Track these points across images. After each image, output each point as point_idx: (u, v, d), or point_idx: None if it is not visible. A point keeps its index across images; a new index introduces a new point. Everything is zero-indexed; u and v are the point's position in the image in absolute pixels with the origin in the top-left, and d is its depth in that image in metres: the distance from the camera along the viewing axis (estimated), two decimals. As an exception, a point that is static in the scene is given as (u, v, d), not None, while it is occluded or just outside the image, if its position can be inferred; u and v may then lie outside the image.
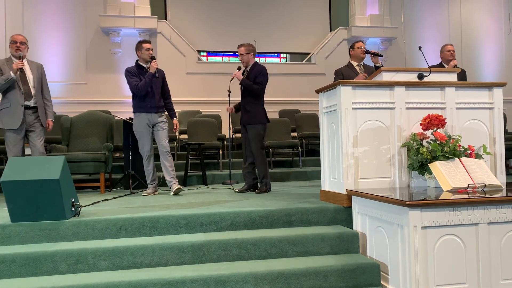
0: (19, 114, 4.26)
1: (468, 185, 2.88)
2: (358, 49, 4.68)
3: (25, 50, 4.35)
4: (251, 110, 4.61)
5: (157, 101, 4.65)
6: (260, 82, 4.59)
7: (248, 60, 4.70)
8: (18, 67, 4.19)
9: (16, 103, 4.26)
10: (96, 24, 9.29)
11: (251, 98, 4.63)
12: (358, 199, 3.16)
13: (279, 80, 10.06)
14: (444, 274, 2.54)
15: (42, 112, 4.43)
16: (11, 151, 4.28)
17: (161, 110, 4.71)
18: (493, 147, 3.57)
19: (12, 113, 4.25)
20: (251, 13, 10.65)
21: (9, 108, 4.26)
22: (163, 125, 4.67)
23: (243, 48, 4.72)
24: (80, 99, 9.01)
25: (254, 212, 3.23)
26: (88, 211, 3.35)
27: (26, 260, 2.66)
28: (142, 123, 4.62)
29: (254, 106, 4.62)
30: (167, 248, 2.82)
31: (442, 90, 3.48)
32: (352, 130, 3.31)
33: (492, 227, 2.61)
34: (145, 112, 4.61)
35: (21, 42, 4.32)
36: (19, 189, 2.91)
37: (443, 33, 10.90)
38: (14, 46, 4.30)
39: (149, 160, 4.66)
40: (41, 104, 4.43)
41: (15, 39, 4.31)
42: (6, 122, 4.26)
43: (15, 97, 4.26)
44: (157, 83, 4.66)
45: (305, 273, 2.70)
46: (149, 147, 4.65)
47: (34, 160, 3.05)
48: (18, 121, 4.26)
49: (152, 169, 4.69)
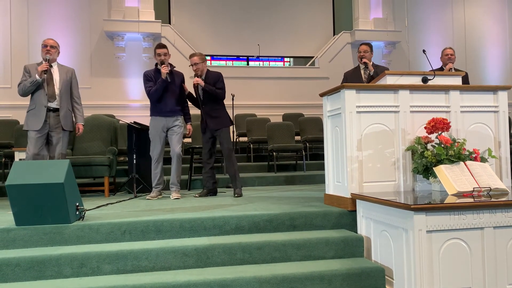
0: (42, 115, 4.27)
1: (473, 189, 2.87)
2: (358, 53, 4.73)
3: (55, 54, 4.38)
4: (218, 116, 4.68)
5: (173, 105, 4.64)
6: (221, 87, 4.68)
7: (203, 69, 4.67)
8: (42, 69, 4.20)
9: (40, 105, 4.28)
10: (100, 28, 9.34)
11: (214, 104, 4.68)
12: (362, 203, 3.15)
13: (283, 84, 10.08)
14: (450, 279, 2.52)
15: (65, 116, 4.40)
16: (30, 151, 4.26)
17: (177, 114, 4.70)
18: (498, 150, 3.55)
19: (36, 114, 4.27)
20: (255, 17, 10.68)
21: (34, 110, 4.29)
22: (177, 130, 4.67)
23: (196, 58, 4.64)
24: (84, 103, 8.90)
25: (258, 216, 3.22)
26: (93, 215, 3.36)
27: (31, 264, 2.67)
28: (156, 127, 4.64)
29: (219, 111, 4.70)
30: (171, 252, 2.82)
31: (446, 93, 3.47)
32: (356, 133, 3.31)
33: (497, 231, 2.59)
34: (159, 116, 4.64)
35: (51, 46, 4.35)
36: (23, 193, 2.92)
37: (447, 36, 10.88)
38: (44, 49, 4.32)
39: (157, 164, 4.67)
40: (65, 107, 4.41)
41: (46, 43, 4.35)
42: (30, 124, 4.28)
43: (40, 99, 4.28)
44: (173, 87, 4.65)
45: (310, 277, 2.69)
46: (159, 150, 4.65)
47: (38, 164, 3.06)
48: (40, 122, 4.26)
49: (159, 173, 4.68)
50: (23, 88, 4.26)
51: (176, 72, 4.76)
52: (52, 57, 4.36)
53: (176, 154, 4.65)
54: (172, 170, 4.67)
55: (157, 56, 4.62)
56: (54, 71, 4.43)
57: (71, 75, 4.53)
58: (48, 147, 4.39)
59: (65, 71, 4.51)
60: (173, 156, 4.66)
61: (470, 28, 11.02)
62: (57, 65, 4.48)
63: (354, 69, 4.77)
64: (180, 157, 4.69)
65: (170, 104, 4.64)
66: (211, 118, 4.67)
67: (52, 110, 4.34)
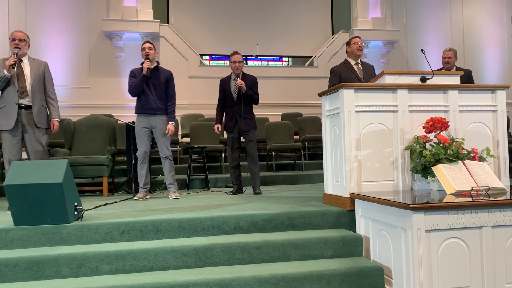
0: (13, 114, 4.03)
1: (472, 188, 2.87)
2: (355, 45, 4.44)
3: (24, 47, 4.14)
4: (250, 118, 4.87)
5: (155, 102, 4.54)
6: (257, 92, 4.89)
7: (242, 68, 4.82)
8: (10, 63, 3.94)
9: (11, 102, 4.04)
10: (98, 28, 9.34)
11: (249, 107, 4.88)
12: (361, 202, 3.15)
13: (282, 84, 10.08)
14: (448, 278, 2.52)
15: (38, 113, 4.16)
16: (6, 153, 4.05)
17: (161, 112, 4.59)
18: (497, 149, 3.55)
19: (7, 113, 4.04)
20: (253, 16, 10.68)
21: (5, 108, 4.06)
22: (163, 129, 4.58)
23: (239, 56, 4.81)
24: (82, 103, 9.04)
25: (257, 215, 3.22)
26: (91, 215, 3.35)
27: (29, 264, 2.66)
28: (140, 125, 4.58)
29: (252, 113, 4.91)
30: (170, 252, 2.82)
31: (445, 93, 3.47)
32: (355, 133, 3.31)
33: (496, 230, 2.59)
34: (143, 114, 4.57)
35: (20, 39, 4.09)
36: (22, 193, 2.91)
37: (446, 36, 10.90)
38: (13, 43, 4.08)
39: (143, 164, 4.57)
40: (38, 104, 4.17)
41: (14, 36, 4.10)
42: (2, 123, 4.05)
43: (10, 96, 4.05)
44: (156, 84, 4.57)
45: (308, 276, 2.69)
46: (143, 149, 4.56)
47: (37, 164, 3.05)
48: (12, 121, 4.03)
49: (145, 173, 4.58)
50: None
51: (163, 70, 4.67)
52: (22, 51, 4.11)
53: (165, 154, 4.59)
54: (165, 171, 4.62)
55: (142, 51, 4.57)
56: (25, 65, 4.16)
57: (43, 69, 4.25)
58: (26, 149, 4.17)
59: (37, 65, 4.23)
60: (162, 158, 4.60)
61: (469, 28, 11.03)
62: (28, 59, 4.21)
63: (344, 64, 4.51)
64: (170, 157, 4.62)
65: (152, 101, 4.53)
66: (243, 119, 4.78)
67: (24, 108, 4.10)
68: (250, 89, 4.78)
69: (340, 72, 4.44)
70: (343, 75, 4.38)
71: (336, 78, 4.41)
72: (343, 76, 4.37)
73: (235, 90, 4.80)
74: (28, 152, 4.19)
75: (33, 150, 4.16)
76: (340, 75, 4.41)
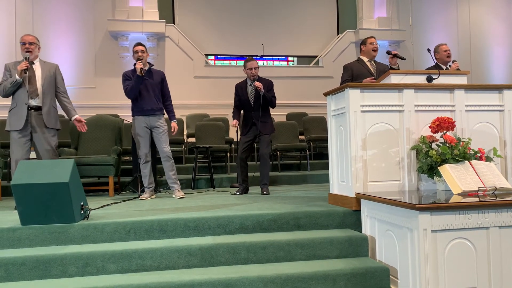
0: (23, 114, 4.08)
1: (479, 188, 2.85)
2: (371, 45, 4.46)
3: (35, 50, 4.19)
4: (268, 121, 4.89)
5: (153, 103, 4.59)
6: (274, 96, 4.89)
7: (258, 73, 4.82)
8: (22, 68, 4.01)
9: (21, 103, 4.10)
10: (104, 28, 9.37)
11: (265, 109, 4.87)
12: (367, 202, 3.14)
13: (287, 83, 10.07)
14: (455, 278, 2.51)
15: (48, 113, 4.19)
16: (14, 154, 4.08)
17: (159, 112, 4.63)
18: (504, 149, 3.53)
19: (17, 113, 4.10)
20: (259, 16, 10.68)
21: (15, 109, 4.12)
22: (162, 129, 4.61)
23: (255, 62, 4.81)
24: (89, 103, 9.08)
25: (262, 215, 3.22)
26: (97, 214, 3.37)
27: (36, 263, 2.68)
28: (139, 126, 4.60)
29: (269, 117, 4.94)
30: (175, 251, 2.82)
31: (451, 92, 3.46)
32: (360, 133, 3.30)
33: (503, 231, 2.58)
34: (141, 115, 4.59)
35: (30, 43, 4.15)
36: (29, 192, 2.93)
37: (452, 35, 10.84)
38: (23, 47, 4.14)
39: (146, 164, 4.61)
40: (48, 104, 4.21)
41: (24, 40, 4.16)
42: (12, 123, 4.10)
43: (21, 97, 4.11)
44: (152, 84, 4.60)
45: (314, 277, 2.69)
46: (146, 150, 4.60)
47: (44, 163, 3.07)
48: (21, 121, 4.08)
49: (148, 173, 4.62)
50: (4, 89, 4.10)
51: (155, 71, 4.69)
52: (33, 54, 4.16)
53: (165, 154, 4.60)
54: (166, 171, 4.63)
55: (134, 54, 4.59)
56: (36, 67, 4.22)
57: (54, 71, 4.33)
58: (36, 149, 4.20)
59: (48, 67, 4.30)
60: (163, 158, 4.61)
61: (475, 27, 10.97)
62: (39, 62, 4.28)
63: (357, 62, 4.51)
64: (170, 156, 4.64)
65: (150, 102, 4.57)
66: (260, 123, 4.80)
67: (34, 109, 4.15)
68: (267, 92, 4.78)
69: (352, 67, 4.45)
70: (355, 71, 4.39)
71: (348, 73, 4.40)
72: (355, 72, 4.37)
73: (251, 95, 4.80)
74: (38, 152, 4.22)
75: (43, 149, 4.18)
76: (352, 70, 4.42)
